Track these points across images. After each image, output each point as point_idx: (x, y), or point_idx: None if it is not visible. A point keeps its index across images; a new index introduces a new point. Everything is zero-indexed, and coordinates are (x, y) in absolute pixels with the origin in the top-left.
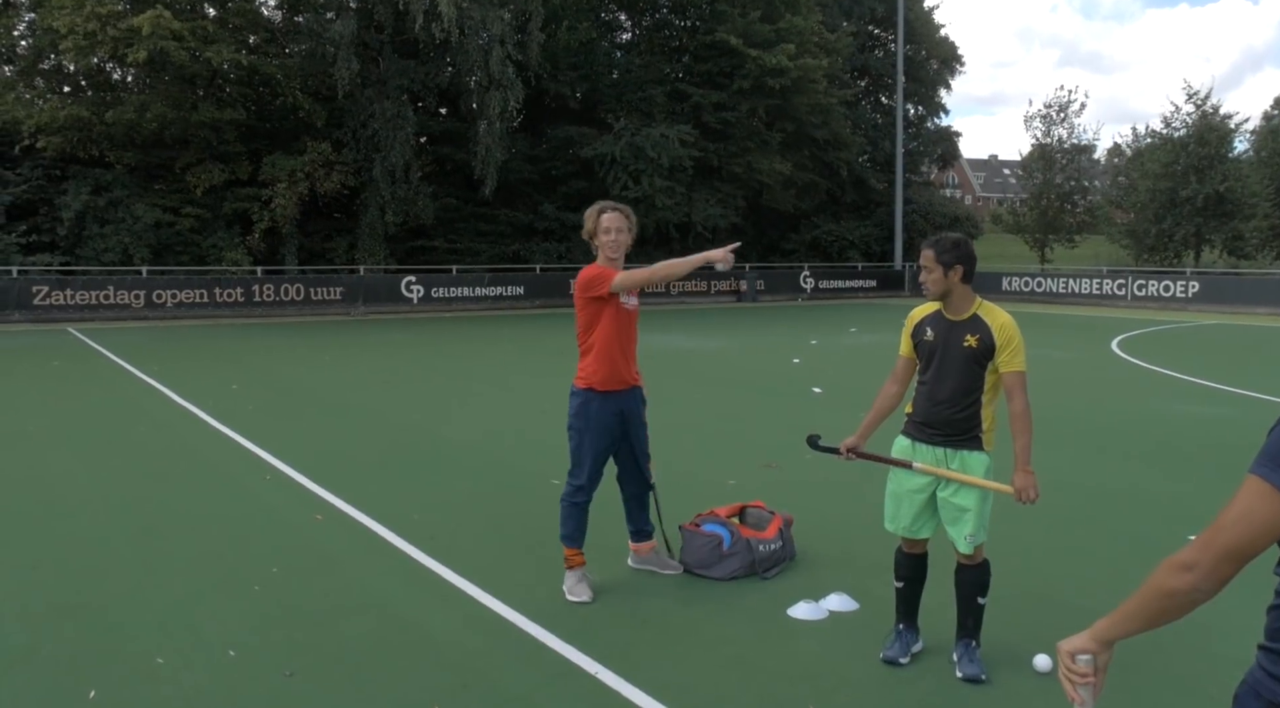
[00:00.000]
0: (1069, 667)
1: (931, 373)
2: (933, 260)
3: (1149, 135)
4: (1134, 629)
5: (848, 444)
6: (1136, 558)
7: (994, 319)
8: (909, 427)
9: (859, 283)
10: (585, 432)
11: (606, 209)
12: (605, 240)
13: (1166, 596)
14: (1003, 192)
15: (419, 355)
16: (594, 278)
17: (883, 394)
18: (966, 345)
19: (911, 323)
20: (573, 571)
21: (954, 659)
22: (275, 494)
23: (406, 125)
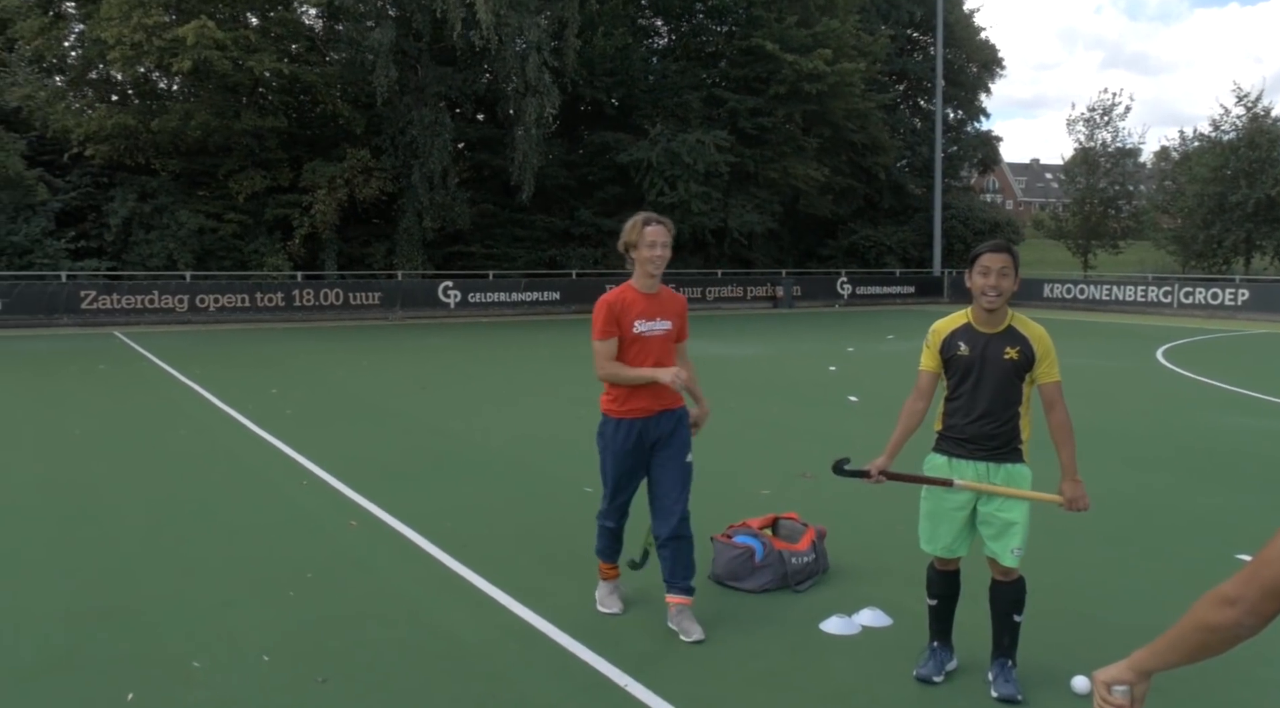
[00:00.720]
0: (1105, 697)
1: (969, 387)
2: (1012, 265)
3: (1197, 138)
4: (1173, 662)
5: (877, 466)
6: (1181, 577)
7: (1030, 331)
8: (944, 444)
9: (897, 289)
10: (604, 452)
11: (651, 221)
12: (648, 255)
13: (1208, 630)
14: (1044, 196)
15: (455, 360)
16: (595, 319)
17: (908, 412)
18: (1008, 358)
19: (939, 337)
20: (605, 582)
21: (989, 679)
22: (311, 499)
23: (444, 132)
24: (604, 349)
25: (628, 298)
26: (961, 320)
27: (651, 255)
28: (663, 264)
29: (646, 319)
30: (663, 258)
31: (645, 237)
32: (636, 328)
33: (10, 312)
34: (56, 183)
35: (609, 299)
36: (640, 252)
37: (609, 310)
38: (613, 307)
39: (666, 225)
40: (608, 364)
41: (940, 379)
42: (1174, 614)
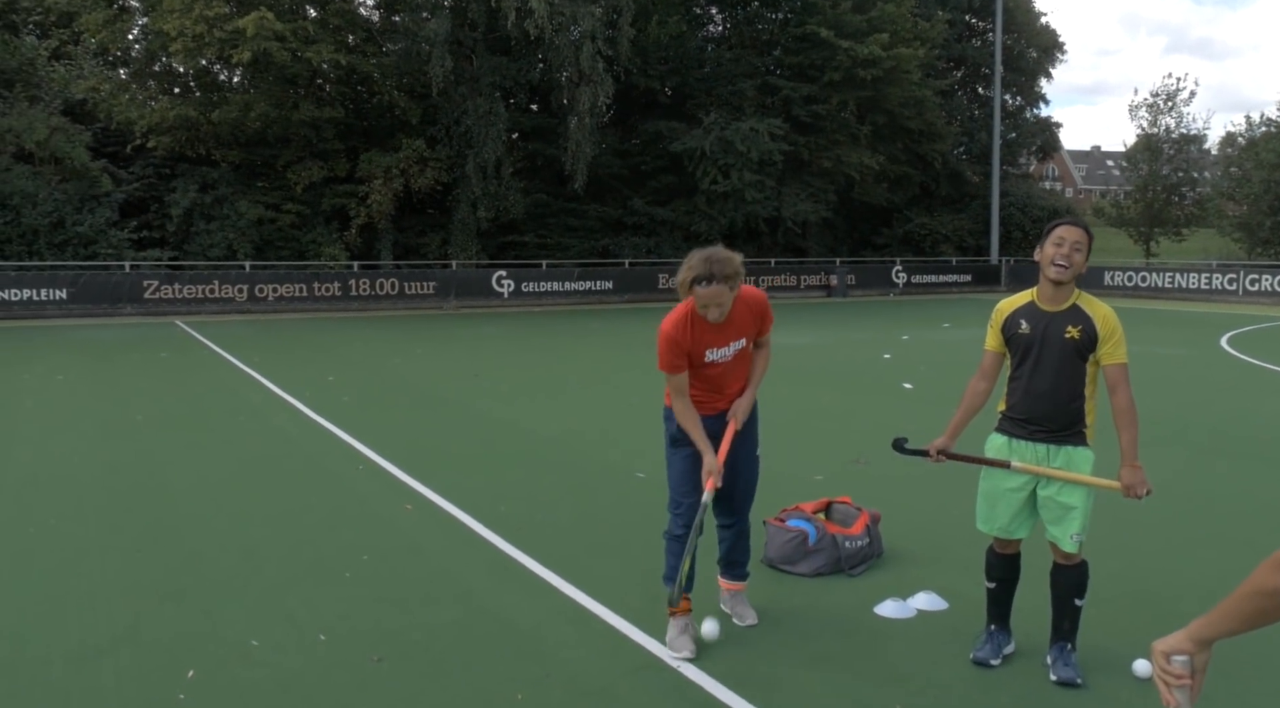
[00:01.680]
0: (1164, 668)
1: (1028, 367)
2: (1086, 240)
3: (1264, 123)
4: (1232, 630)
5: (937, 446)
6: (1244, 563)
7: (1095, 310)
8: (1005, 424)
9: (953, 277)
10: (668, 446)
11: (702, 278)
12: (702, 314)
13: (1266, 595)
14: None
15: (508, 349)
16: (660, 350)
17: (971, 392)
18: (1069, 337)
19: (1001, 316)
20: (675, 619)
21: (1048, 663)
22: (367, 484)
23: (498, 122)
24: (674, 383)
25: (697, 327)
26: (1026, 299)
27: (708, 314)
28: (723, 313)
29: (718, 346)
30: (720, 314)
31: (698, 297)
32: (709, 357)
33: (75, 301)
34: (120, 174)
35: (671, 332)
36: (694, 305)
37: (672, 345)
38: (678, 342)
39: (721, 281)
40: (677, 400)
41: (1005, 359)
42: (1216, 592)
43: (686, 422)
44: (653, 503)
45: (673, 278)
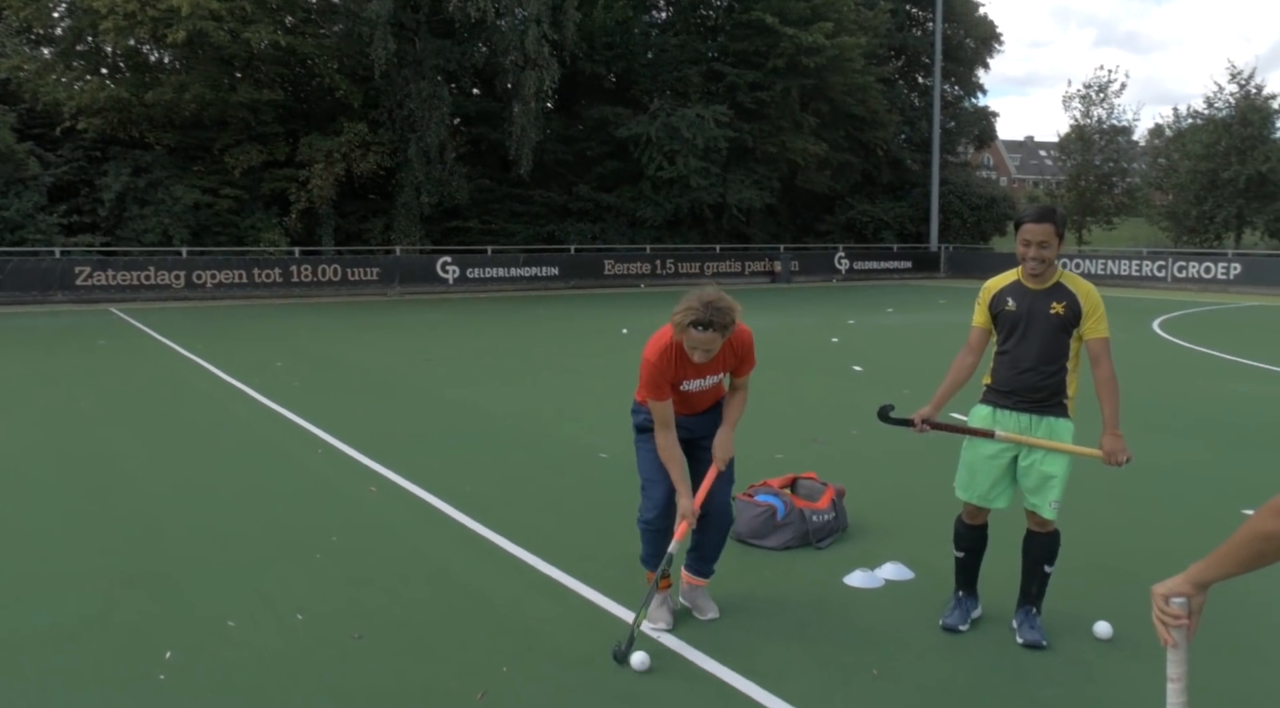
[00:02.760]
0: (1162, 609)
1: (1015, 341)
2: (1053, 234)
3: (1190, 116)
4: (1230, 572)
5: (922, 415)
6: (1193, 531)
7: (1078, 287)
8: (990, 395)
9: (894, 264)
10: (639, 442)
11: (700, 324)
12: (689, 352)
13: (1264, 538)
14: (1038, 173)
15: (458, 335)
16: (644, 378)
17: (957, 365)
18: (1054, 313)
19: (989, 293)
20: (654, 594)
21: (1014, 626)
22: (328, 467)
23: (442, 105)
24: (659, 410)
25: (679, 360)
26: (1012, 278)
27: (694, 355)
28: (709, 357)
29: (695, 378)
30: (707, 355)
31: (690, 339)
32: (685, 387)
33: (4, 288)
34: (48, 157)
35: (655, 362)
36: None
37: (655, 374)
38: (662, 372)
39: (718, 329)
40: (661, 434)
41: (990, 335)
42: (1174, 558)
43: (668, 458)
44: (618, 482)
45: (619, 263)
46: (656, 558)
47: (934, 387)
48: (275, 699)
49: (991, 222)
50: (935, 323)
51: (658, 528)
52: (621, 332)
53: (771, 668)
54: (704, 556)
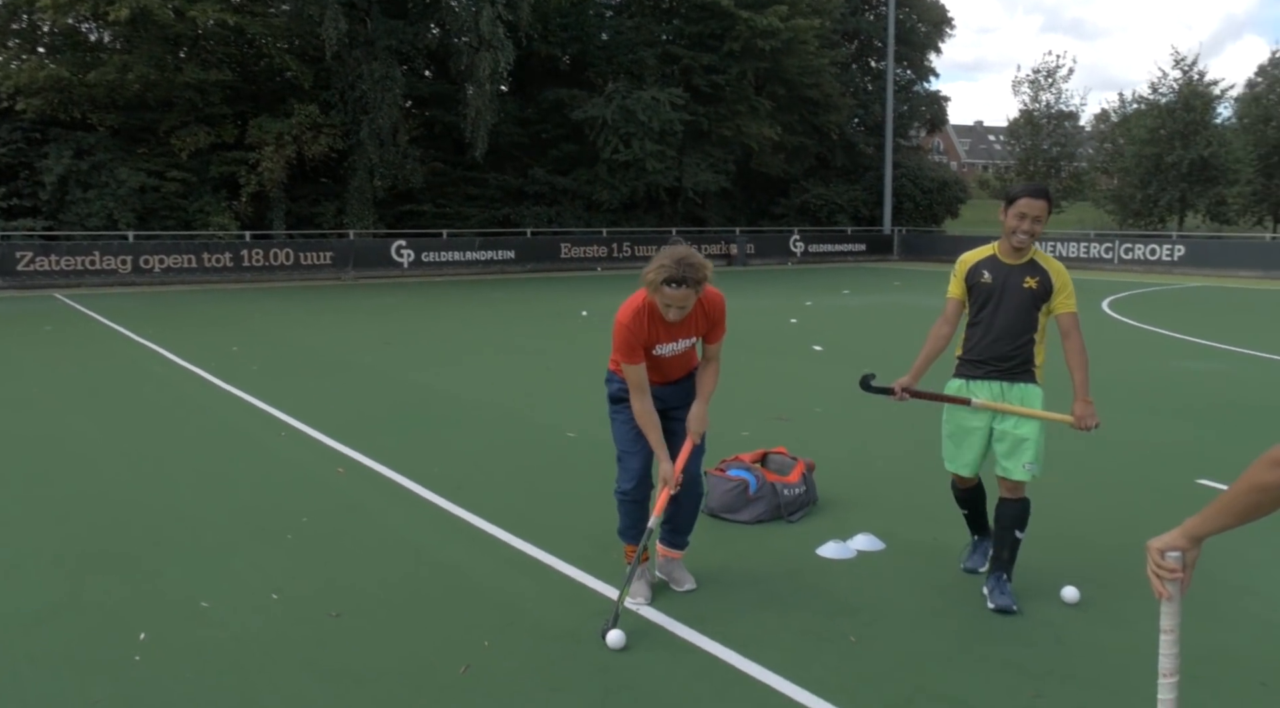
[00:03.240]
0: (1158, 564)
1: (988, 312)
2: (1046, 210)
3: (1135, 101)
4: (1226, 525)
5: (902, 384)
6: (1151, 501)
7: (1050, 265)
8: (963, 368)
9: (848, 247)
10: (614, 411)
11: (673, 280)
12: (664, 311)
13: (1261, 490)
14: (988, 158)
15: (416, 318)
16: (617, 341)
17: (934, 335)
18: (1027, 287)
19: (965, 266)
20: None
21: (985, 592)
22: (293, 450)
23: (395, 87)
24: (633, 375)
25: (653, 321)
26: (988, 252)
27: (668, 314)
28: (683, 315)
29: (668, 342)
30: (681, 313)
31: (664, 297)
32: (658, 350)
33: None
34: None
35: (628, 324)
36: (658, 304)
37: (630, 336)
38: (635, 334)
39: (691, 285)
40: (637, 399)
41: (965, 306)
42: (1147, 534)
43: (645, 424)
44: (587, 460)
45: (576, 246)
46: (635, 530)
47: (894, 365)
48: (255, 678)
49: (943, 205)
50: (891, 304)
51: (635, 499)
52: (581, 314)
53: (751, 638)
54: (678, 527)
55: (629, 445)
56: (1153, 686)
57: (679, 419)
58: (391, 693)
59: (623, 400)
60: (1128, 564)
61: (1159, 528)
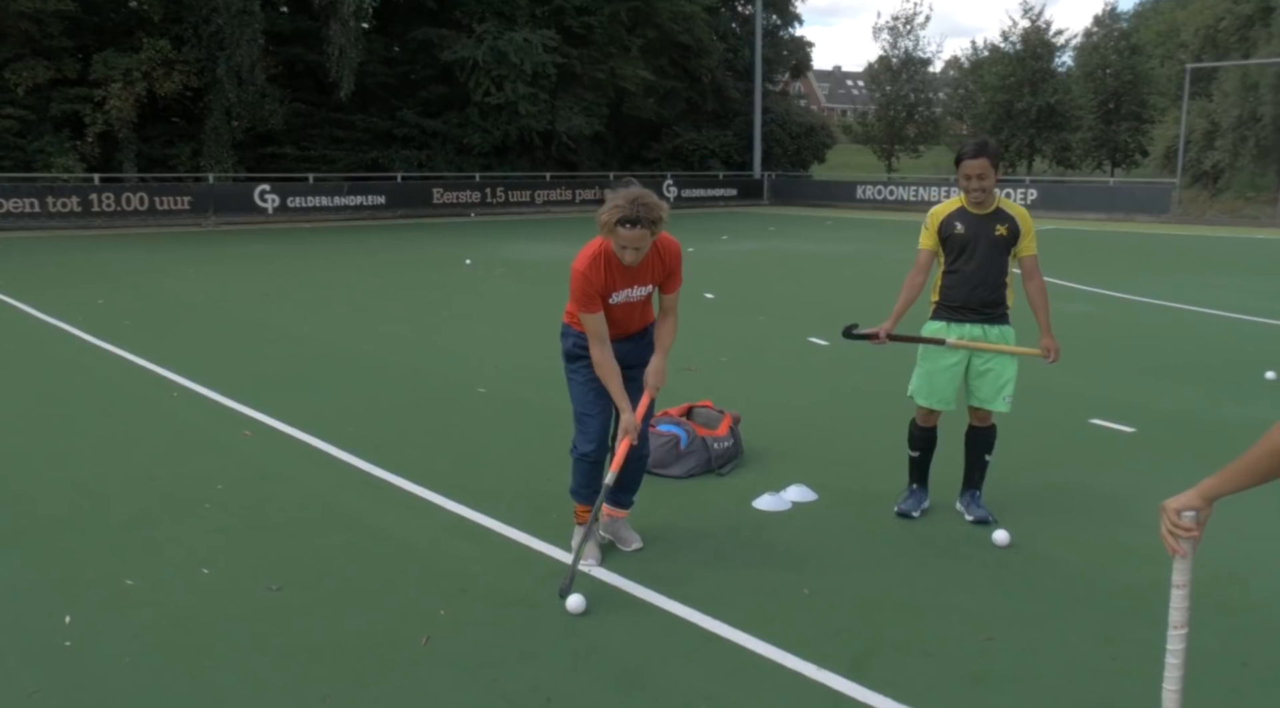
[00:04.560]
0: (1175, 522)
1: (964, 261)
2: (989, 166)
3: (986, 48)
4: (1242, 486)
5: (884, 329)
6: (1050, 441)
7: (1015, 211)
8: (941, 312)
9: (720, 191)
10: (571, 370)
11: (628, 220)
12: (619, 255)
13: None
14: (847, 103)
15: (292, 267)
16: (575, 289)
17: (909, 285)
18: (998, 235)
19: (936, 219)
20: (581, 527)
21: (960, 510)
22: (188, 411)
23: (253, 22)
24: (592, 324)
25: (610, 267)
26: (956, 205)
27: (624, 256)
28: (639, 257)
29: (624, 288)
30: (637, 255)
31: (619, 239)
32: (614, 299)
33: None
34: None
35: (585, 271)
36: (613, 246)
37: (586, 284)
38: (592, 281)
39: (646, 225)
40: (596, 348)
41: (936, 256)
42: (1056, 475)
43: (606, 374)
44: (505, 418)
45: (448, 192)
46: (589, 490)
47: (787, 311)
48: (203, 659)
49: (811, 150)
50: (770, 250)
51: (594, 461)
52: (465, 263)
53: (708, 595)
54: (624, 486)
55: (589, 407)
56: (1096, 621)
57: (634, 379)
58: (354, 669)
59: (580, 357)
60: (1044, 505)
61: (1066, 469)
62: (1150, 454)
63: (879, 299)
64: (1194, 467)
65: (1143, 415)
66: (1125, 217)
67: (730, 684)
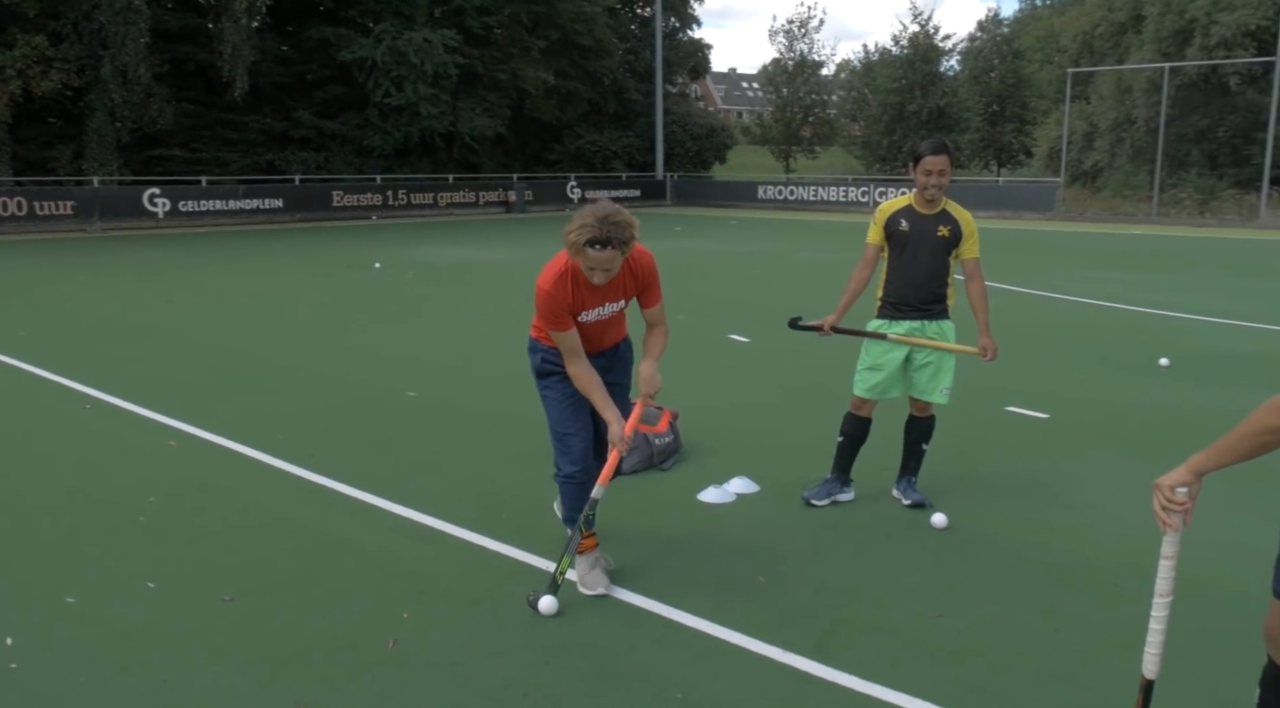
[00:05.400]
0: (1168, 498)
1: (906, 258)
2: (949, 163)
3: (878, 52)
4: (1229, 462)
5: (829, 322)
6: (971, 429)
7: (959, 214)
8: (885, 309)
9: (624, 192)
10: (546, 388)
11: (597, 241)
12: (588, 274)
13: (1268, 432)
14: (743, 104)
15: (192, 273)
16: (542, 309)
17: (855, 278)
18: (940, 235)
19: (884, 215)
20: (583, 556)
21: (897, 495)
22: (105, 423)
23: (139, 19)
24: (565, 341)
25: (577, 285)
26: (904, 203)
27: (593, 277)
28: (609, 278)
29: (594, 307)
30: (607, 275)
31: (588, 260)
32: (584, 317)
33: None
34: None
35: (551, 289)
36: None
37: (554, 304)
38: (559, 300)
39: (617, 246)
40: (572, 364)
41: (883, 251)
42: (978, 460)
43: (587, 386)
44: (438, 420)
45: (348, 195)
46: (580, 513)
47: (704, 309)
48: (164, 672)
49: (712, 151)
50: (680, 249)
51: (580, 481)
52: (375, 266)
53: (668, 587)
54: None
55: (568, 424)
56: (1036, 595)
57: (619, 384)
58: (322, 675)
59: (552, 373)
60: (974, 489)
61: (989, 454)
62: (1064, 437)
63: (791, 296)
64: (1104, 448)
65: (1052, 402)
66: (1014, 214)
67: (701, 671)
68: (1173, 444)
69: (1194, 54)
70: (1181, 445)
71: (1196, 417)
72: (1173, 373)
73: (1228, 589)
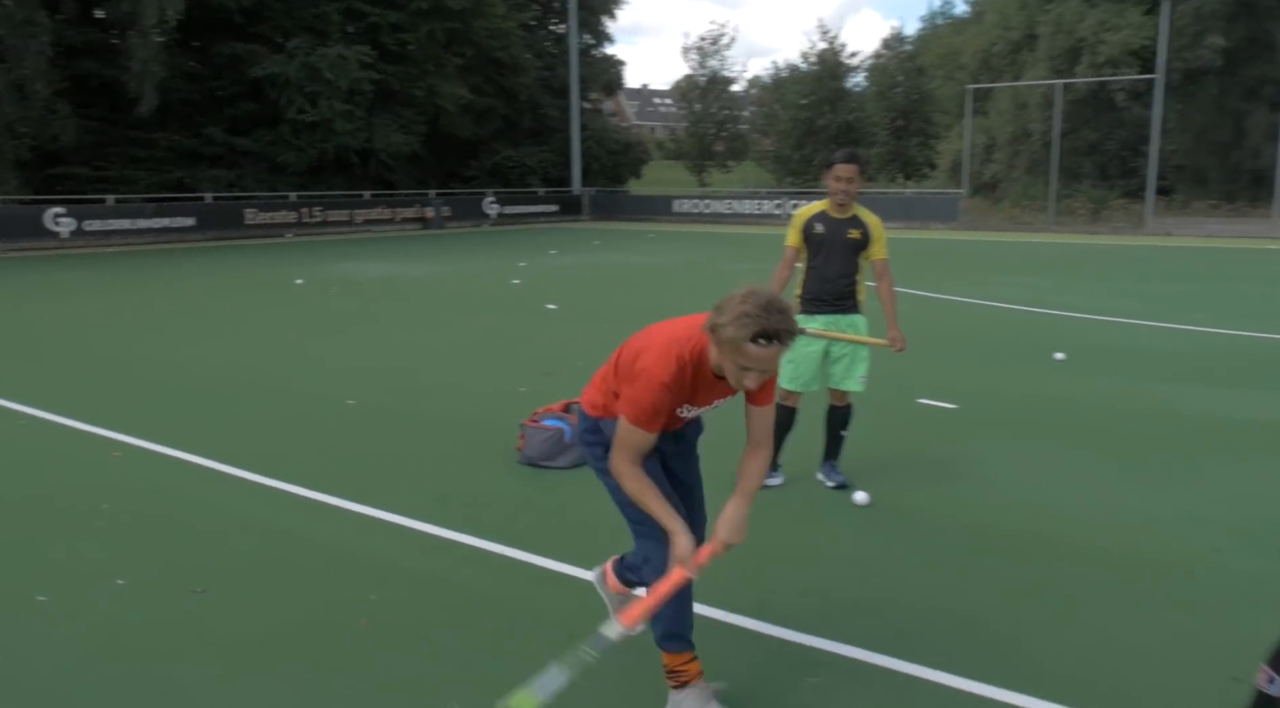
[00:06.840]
0: None
1: (822, 258)
2: (858, 172)
3: (787, 69)
4: None
5: None
6: (887, 419)
7: (869, 219)
8: (804, 305)
9: (542, 208)
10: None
11: (766, 335)
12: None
13: None
14: (655, 120)
15: (107, 293)
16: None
17: (776, 278)
18: (851, 237)
19: (801, 220)
20: (691, 687)
21: (821, 478)
22: (45, 437)
23: (41, 33)
24: (640, 442)
25: (701, 376)
26: (820, 208)
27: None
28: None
29: (704, 405)
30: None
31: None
32: (683, 412)
33: None
34: None
35: (668, 382)
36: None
37: (664, 397)
38: (673, 395)
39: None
40: (630, 468)
41: (800, 252)
42: (893, 447)
43: (644, 495)
44: (380, 426)
45: (262, 212)
46: (681, 636)
47: (628, 318)
48: (149, 659)
49: (628, 166)
50: (600, 262)
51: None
52: (296, 282)
53: None
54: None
55: (652, 528)
56: (950, 557)
57: (685, 470)
58: (306, 654)
59: None
60: (891, 471)
61: (904, 440)
62: (971, 425)
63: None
64: (1006, 435)
65: (959, 394)
66: (921, 225)
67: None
68: (1068, 428)
69: (1083, 71)
70: (1075, 429)
71: (1089, 404)
72: (1068, 366)
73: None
